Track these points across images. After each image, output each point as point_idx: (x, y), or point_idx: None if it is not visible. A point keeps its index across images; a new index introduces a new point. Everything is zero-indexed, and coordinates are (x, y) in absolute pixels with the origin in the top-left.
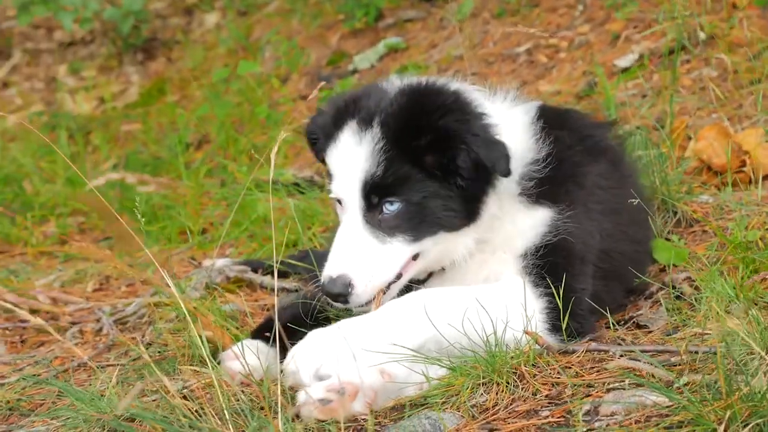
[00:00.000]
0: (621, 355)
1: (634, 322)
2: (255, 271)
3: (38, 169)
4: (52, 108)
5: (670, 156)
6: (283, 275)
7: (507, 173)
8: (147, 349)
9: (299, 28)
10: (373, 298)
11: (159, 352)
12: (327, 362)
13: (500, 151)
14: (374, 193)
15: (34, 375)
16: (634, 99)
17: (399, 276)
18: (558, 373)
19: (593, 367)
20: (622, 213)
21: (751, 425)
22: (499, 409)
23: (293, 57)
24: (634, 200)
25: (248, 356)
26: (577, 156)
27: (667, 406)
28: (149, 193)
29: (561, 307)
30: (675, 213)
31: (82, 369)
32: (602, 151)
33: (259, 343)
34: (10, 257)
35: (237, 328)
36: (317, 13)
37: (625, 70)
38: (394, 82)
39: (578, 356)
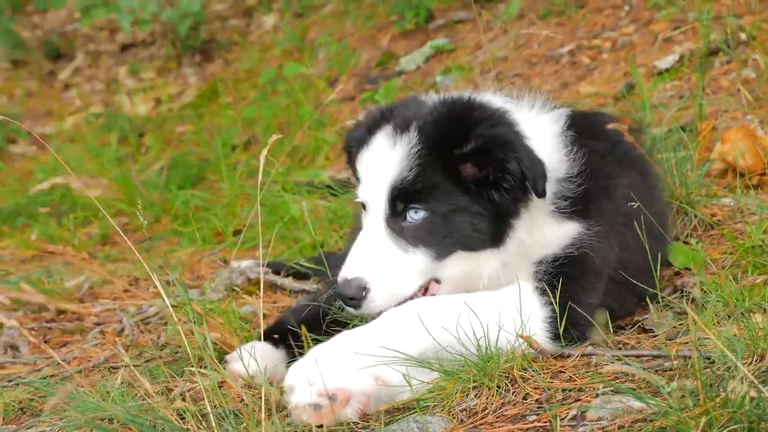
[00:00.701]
0: (614, 361)
1: (639, 326)
2: (277, 273)
3: (86, 171)
4: (110, 109)
5: (692, 158)
6: (304, 277)
7: (543, 194)
8: (162, 350)
9: (352, 30)
10: None
11: (174, 353)
12: (325, 376)
13: (542, 171)
14: (400, 198)
15: (46, 377)
16: (671, 101)
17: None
18: (551, 377)
19: (587, 372)
20: (648, 225)
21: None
22: (488, 413)
23: (343, 58)
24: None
25: (251, 359)
26: (609, 167)
27: (653, 412)
28: (188, 196)
29: (562, 316)
30: (695, 216)
31: (96, 370)
32: (633, 160)
33: (266, 345)
34: (51, 258)
35: (249, 330)
36: (371, 14)
37: (664, 71)
38: (433, 96)
39: (573, 361)
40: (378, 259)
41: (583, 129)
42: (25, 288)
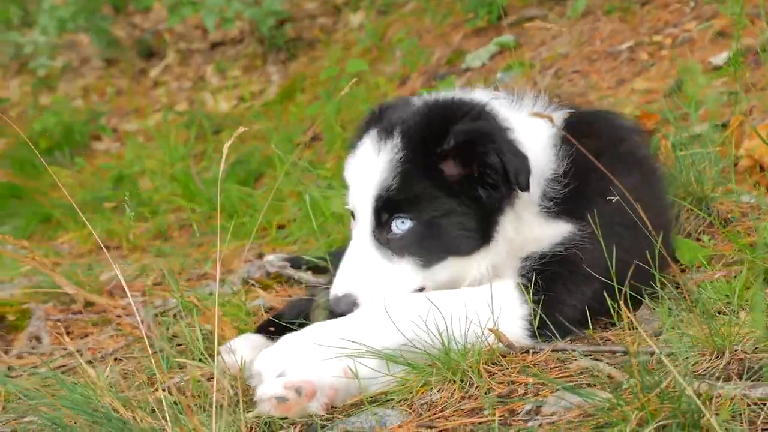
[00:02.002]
0: (582, 357)
1: (629, 322)
2: (298, 267)
3: (149, 168)
4: (193, 107)
5: (710, 154)
6: (322, 271)
7: (526, 188)
8: (170, 341)
9: (430, 27)
10: None
11: (180, 344)
12: (292, 364)
13: (524, 164)
14: (385, 208)
15: (56, 368)
16: (720, 97)
17: None
18: (519, 372)
19: (555, 367)
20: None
21: (657, 425)
22: (447, 407)
23: (414, 56)
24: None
25: (242, 350)
26: (606, 166)
27: (592, 406)
28: (237, 191)
29: (543, 313)
30: (710, 212)
31: (104, 360)
32: (634, 159)
33: (259, 338)
34: (107, 252)
35: (254, 323)
36: (448, 12)
37: (718, 67)
38: (422, 96)
39: (542, 356)
40: (366, 273)
41: (581, 128)
42: (58, 280)
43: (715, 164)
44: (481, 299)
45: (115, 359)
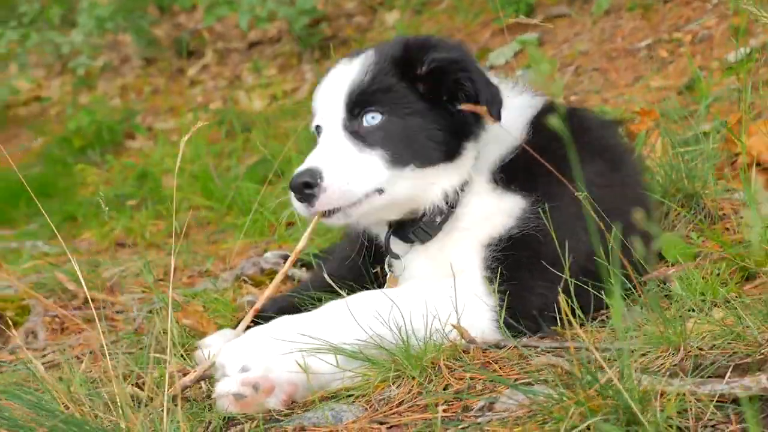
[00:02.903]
0: (544, 353)
1: (607, 317)
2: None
3: (170, 166)
4: (227, 106)
5: (703, 151)
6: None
7: (498, 117)
8: (157, 337)
9: (461, 26)
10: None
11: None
12: (254, 358)
13: (497, 95)
14: (357, 103)
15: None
16: (732, 94)
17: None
18: (480, 368)
19: (517, 363)
20: (617, 215)
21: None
22: (403, 402)
23: None
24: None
25: (217, 346)
26: (563, 150)
27: (549, 403)
28: (249, 189)
29: (510, 305)
30: (702, 209)
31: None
32: (602, 149)
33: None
34: (122, 249)
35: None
36: (480, 10)
37: (733, 65)
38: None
39: (504, 352)
40: (334, 155)
41: (553, 113)
42: (60, 276)
43: (708, 161)
44: (446, 294)
45: (106, 354)
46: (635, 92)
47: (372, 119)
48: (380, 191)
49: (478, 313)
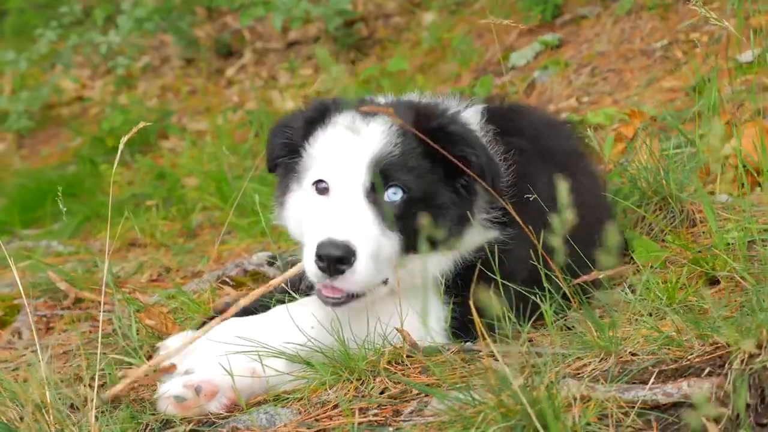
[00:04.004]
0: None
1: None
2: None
3: (185, 166)
4: (261, 106)
5: (685, 153)
6: None
7: (501, 190)
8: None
9: (491, 26)
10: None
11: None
12: (198, 361)
13: (498, 168)
14: (383, 173)
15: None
16: (742, 95)
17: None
18: (420, 372)
19: (461, 368)
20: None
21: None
22: (338, 406)
23: (467, 54)
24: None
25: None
26: (529, 167)
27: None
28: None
29: (461, 315)
30: (681, 211)
31: (67, 355)
32: (554, 156)
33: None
34: (133, 249)
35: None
36: (510, 11)
37: (746, 64)
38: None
39: (443, 357)
40: (364, 234)
41: (503, 124)
42: (52, 276)
43: (686, 163)
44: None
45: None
46: (646, 94)
47: (394, 195)
48: (385, 282)
49: (431, 323)
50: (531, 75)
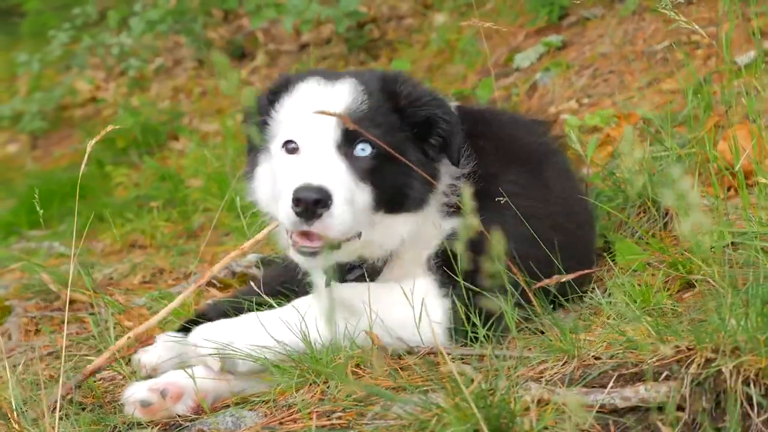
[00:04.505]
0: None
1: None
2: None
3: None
4: None
5: (669, 156)
6: None
7: (456, 164)
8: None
9: (500, 27)
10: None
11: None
12: (169, 365)
13: (462, 140)
14: (350, 131)
15: None
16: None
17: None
18: (388, 375)
19: (430, 370)
20: (544, 218)
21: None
22: (303, 408)
23: (473, 56)
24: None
25: (157, 349)
26: (493, 166)
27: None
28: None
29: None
30: (665, 214)
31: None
32: (516, 154)
33: (178, 336)
34: (134, 250)
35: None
36: (519, 12)
37: (745, 66)
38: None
39: (416, 358)
40: (340, 180)
41: (471, 125)
42: (45, 277)
43: (670, 166)
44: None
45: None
46: (645, 95)
47: (362, 150)
48: (359, 235)
49: (432, 319)
50: (533, 77)
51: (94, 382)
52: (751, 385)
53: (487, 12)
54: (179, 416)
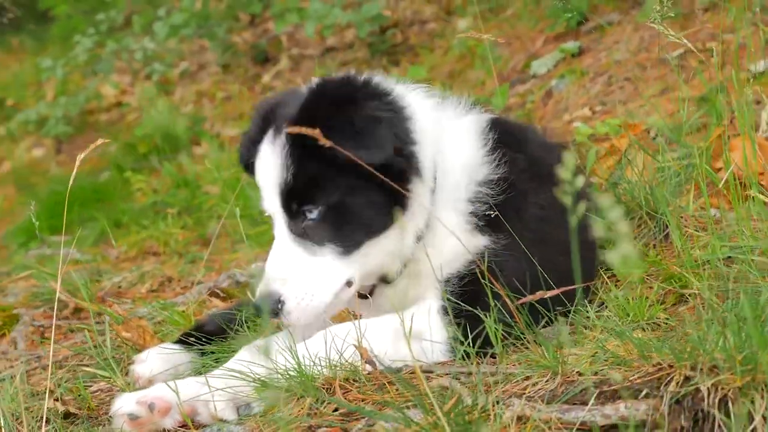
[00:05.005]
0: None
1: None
2: None
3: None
4: None
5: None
6: None
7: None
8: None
9: (520, 33)
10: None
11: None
12: (161, 377)
13: (363, 140)
14: (292, 200)
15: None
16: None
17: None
18: (376, 389)
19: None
20: (554, 244)
21: None
22: (288, 423)
23: (492, 61)
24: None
25: (153, 361)
26: (525, 183)
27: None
28: None
29: (466, 335)
30: (666, 227)
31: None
32: (548, 176)
33: (175, 348)
34: (148, 257)
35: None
36: (539, 18)
37: (758, 74)
38: (312, 83)
39: (405, 374)
40: (289, 269)
41: (507, 138)
42: (53, 285)
43: (672, 178)
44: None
45: (59, 367)
46: (658, 104)
47: (310, 213)
48: (349, 283)
49: (434, 344)
50: (549, 83)
51: (90, 394)
52: (729, 403)
53: (507, 18)
54: (167, 430)
